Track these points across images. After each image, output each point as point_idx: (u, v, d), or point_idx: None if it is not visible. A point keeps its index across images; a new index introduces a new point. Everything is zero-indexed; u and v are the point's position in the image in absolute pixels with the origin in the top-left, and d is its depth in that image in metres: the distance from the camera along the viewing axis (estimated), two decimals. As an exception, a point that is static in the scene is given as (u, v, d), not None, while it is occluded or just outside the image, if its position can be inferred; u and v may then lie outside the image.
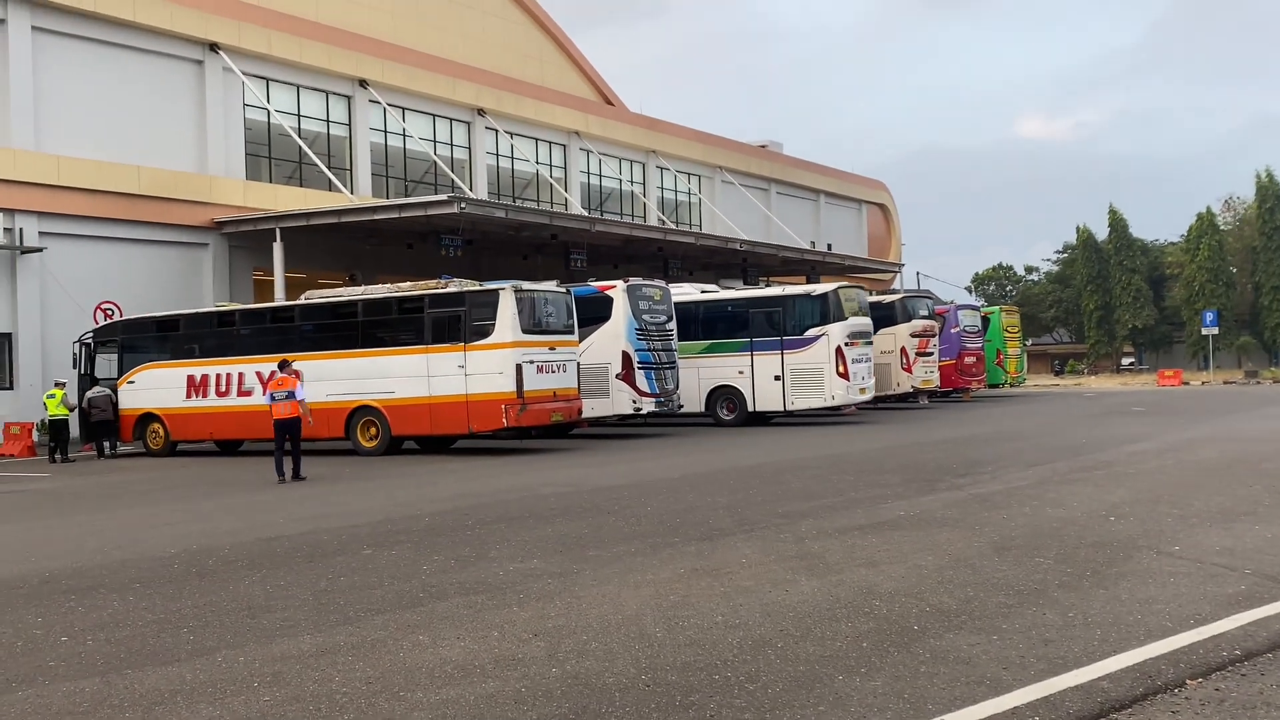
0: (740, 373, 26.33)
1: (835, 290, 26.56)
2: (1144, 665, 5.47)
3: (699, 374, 26.54)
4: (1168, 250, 74.43)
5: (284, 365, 16.92)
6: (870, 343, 27.51)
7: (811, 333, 25.80)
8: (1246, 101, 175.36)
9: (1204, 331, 58.63)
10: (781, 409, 26.17)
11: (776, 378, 25.90)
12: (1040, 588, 7.26)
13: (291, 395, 16.29)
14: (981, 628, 6.27)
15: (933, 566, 8.09)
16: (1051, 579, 7.52)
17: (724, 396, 26.62)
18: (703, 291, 29.41)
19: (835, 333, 25.57)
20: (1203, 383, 53.09)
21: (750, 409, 26.31)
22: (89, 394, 23.35)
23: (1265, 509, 10.52)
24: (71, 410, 23.09)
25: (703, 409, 26.80)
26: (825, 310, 25.91)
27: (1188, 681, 5.23)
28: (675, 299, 27.86)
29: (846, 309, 26.24)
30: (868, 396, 27.17)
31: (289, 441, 16.42)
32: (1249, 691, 5.07)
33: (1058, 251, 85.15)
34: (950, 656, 5.70)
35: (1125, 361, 73.87)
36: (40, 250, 26.39)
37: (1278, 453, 16.02)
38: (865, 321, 27.47)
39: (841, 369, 25.42)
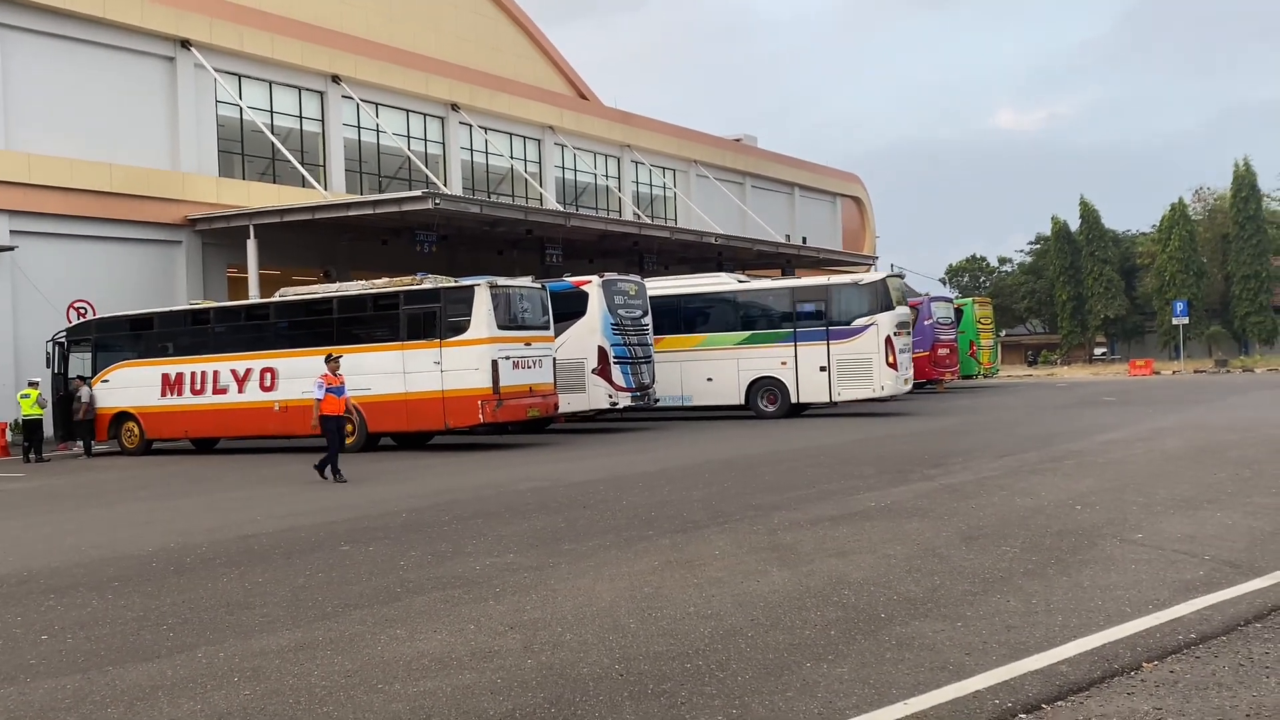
0: (783, 364, 25.86)
1: (884, 279, 26.21)
2: (1102, 649, 5.58)
3: (738, 365, 26.21)
4: (1139, 241, 74.94)
5: (330, 359, 16.49)
6: (911, 333, 27.38)
7: (860, 322, 25.32)
8: (1216, 92, 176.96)
9: (1174, 321, 59.16)
10: (827, 400, 25.73)
11: (822, 368, 25.45)
12: (1005, 575, 7.39)
13: (340, 391, 15.96)
14: (946, 615, 6.39)
15: (901, 556, 8.21)
16: (1016, 567, 7.65)
17: (765, 388, 26.13)
18: (739, 281, 28.80)
19: (884, 322, 25.19)
20: (1173, 372, 53.64)
21: (794, 400, 25.86)
22: (82, 392, 23.19)
23: (1228, 497, 10.70)
24: (45, 409, 22.96)
25: (742, 401, 26.33)
26: (874, 299, 25.48)
27: (1144, 664, 5.35)
28: (708, 290, 27.79)
29: (894, 298, 25.97)
30: (909, 387, 26.89)
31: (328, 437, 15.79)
32: (1202, 673, 5.20)
33: (1031, 243, 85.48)
34: (915, 643, 5.81)
35: (1098, 352, 74.49)
36: (11, 249, 26.15)
37: (1243, 442, 16.22)
38: (908, 311, 27.37)
39: (891, 359, 25.08)
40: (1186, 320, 59.32)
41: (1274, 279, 65.64)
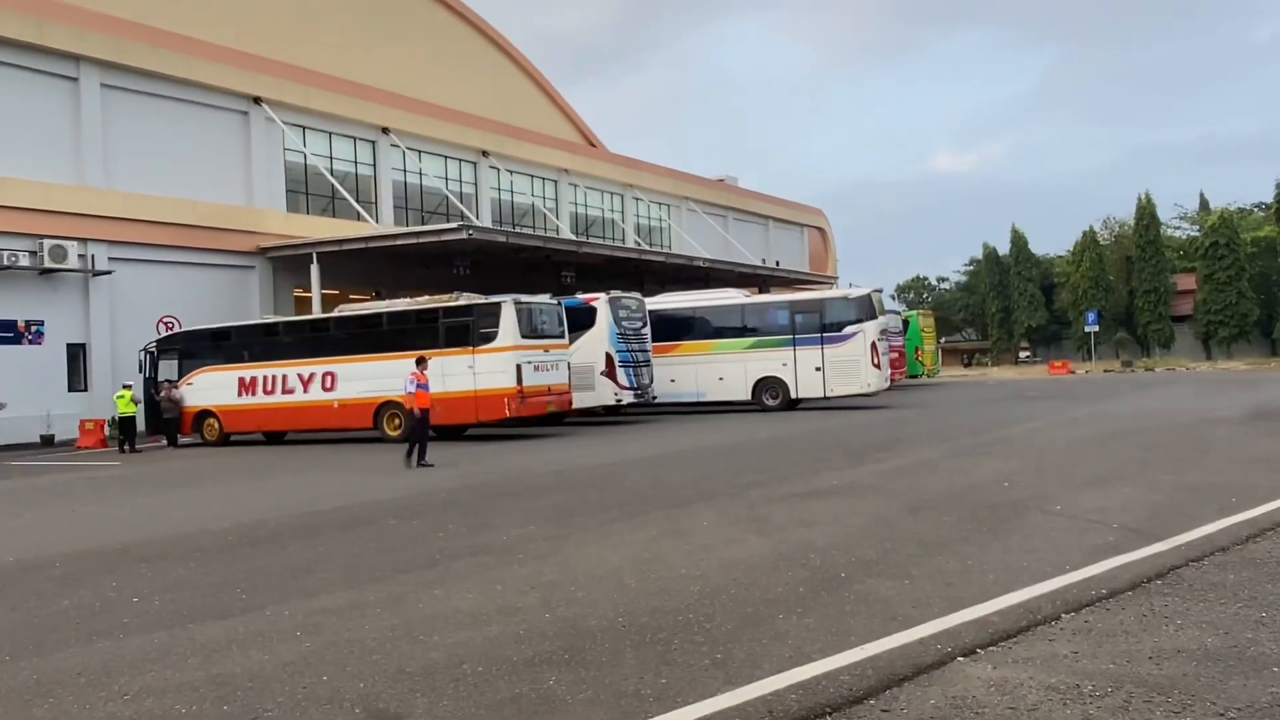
0: (784, 365, 25.51)
1: (870, 294, 25.87)
2: (1028, 603, 5.57)
3: (746, 367, 25.89)
4: (1057, 262, 74.88)
5: (421, 361, 16.32)
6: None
7: (849, 329, 24.99)
8: (1121, 138, 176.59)
9: (1087, 329, 59.18)
10: (821, 395, 25.39)
11: (817, 369, 25.15)
12: (945, 541, 7.37)
13: (426, 387, 15.73)
14: (896, 574, 6.37)
15: (858, 525, 8.20)
16: (955, 534, 7.63)
17: (768, 386, 25.76)
18: (746, 295, 28.41)
19: (870, 329, 24.92)
20: (1086, 371, 53.60)
21: (793, 396, 25.59)
22: (172, 394, 23.20)
23: (1132, 474, 10.69)
24: (137, 407, 22.93)
25: (749, 397, 26.01)
26: (861, 310, 25.18)
27: (1063, 615, 5.34)
28: (720, 303, 27.50)
29: (877, 309, 25.76)
30: (888, 385, 26.58)
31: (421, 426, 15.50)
32: (1111, 622, 5.19)
33: (965, 265, 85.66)
34: (870, 598, 5.80)
35: (1022, 355, 74.37)
36: (109, 273, 26.19)
37: (1145, 429, 16.22)
38: (887, 320, 27.24)
39: (875, 360, 24.88)
40: (1097, 328, 59.29)
41: (1170, 293, 65.62)
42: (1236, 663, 4.45)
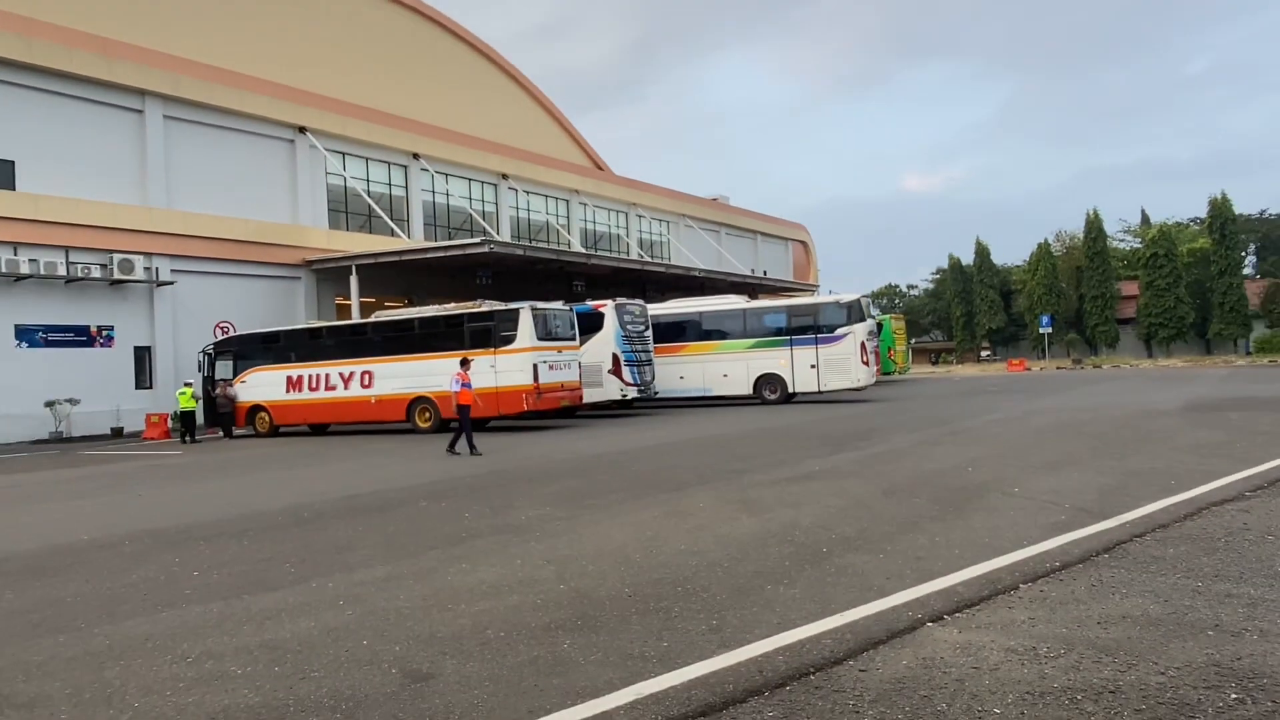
0: (782, 363, 25.40)
1: (859, 299, 25.73)
2: (989, 574, 5.56)
3: (748, 365, 25.73)
4: (1014, 271, 74.70)
5: (465, 362, 16.21)
6: (877, 338, 27.01)
7: (841, 331, 24.89)
8: (1072, 159, 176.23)
9: (1041, 330, 59.11)
10: (816, 390, 25.21)
11: (812, 366, 25.02)
12: (916, 520, 7.36)
13: (469, 385, 15.59)
14: (872, 549, 6.36)
15: (838, 506, 8.18)
16: (924, 513, 7.62)
17: (768, 382, 25.61)
18: (748, 300, 28.20)
19: (860, 330, 24.83)
20: (1041, 369, 53.46)
21: (790, 390, 25.41)
22: (228, 391, 23.25)
23: (1083, 460, 10.65)
24: (197, 402, 22.98)
25: (751, 392, 25.82)
26: (851, 314, 25.07)
27: (1021, 585, 5.33)
28: (724, 308, 27.20)
29: (866, 313, 25.67)
30: (874, 380, 26.48)
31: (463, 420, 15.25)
32: (1064, 592, 5.18)
33: (932, 274, 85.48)
34: (849, 571, 5.79)
35: (984, 354, 74.18)
36: (172, 283, 26.24)
37: (1095, 420, 16.17)
38: (874, 323, 27.25)
39: (864, 358, 24.79)
40: (1050, 330, 59.20)
41: (1116, 299, 65.45)
42: (1176, 627, 4.45)
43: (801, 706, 3.66)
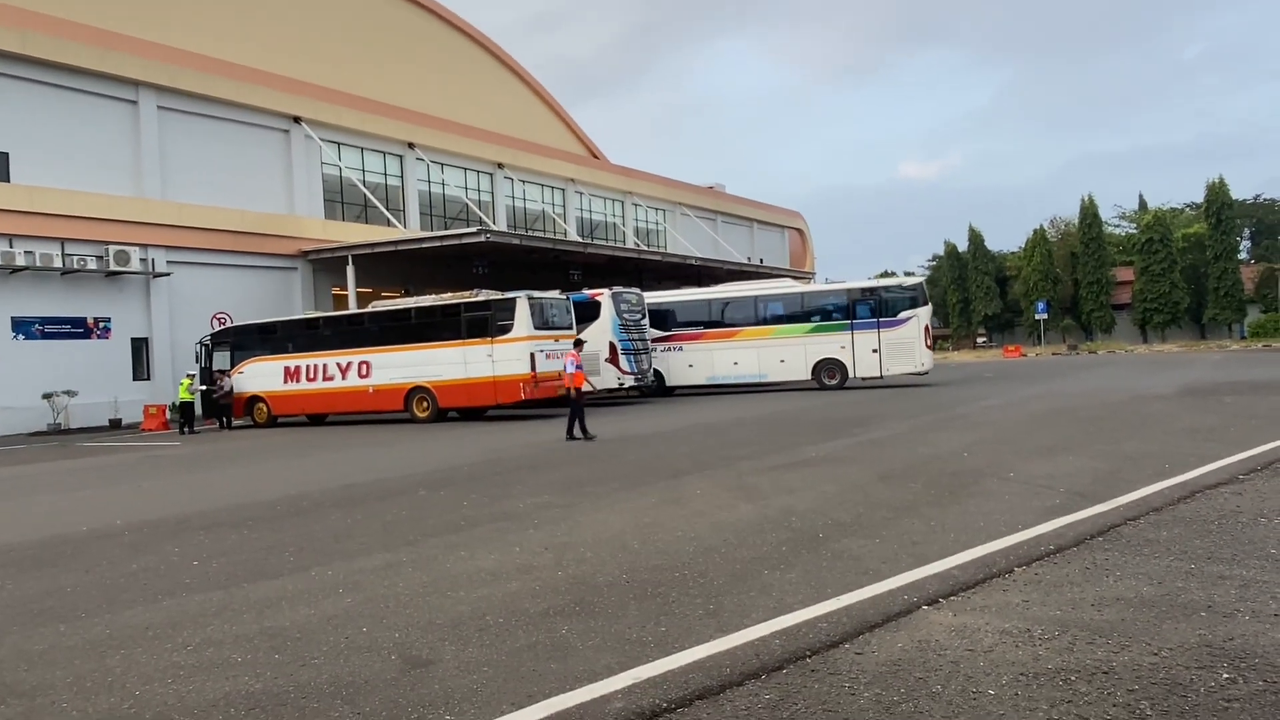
0: (842, 347, 24.86)
1: (921, 283, 25.40)
2: (985, 558, 5.57)
3: (805, 350, 25.12)
4: (1010, 257, 74.78)
5: (578, 344, 15.94)
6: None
7: (904, 314, 24.37)
8: (1068, 146, 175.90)
9: (1037, 317, 59.14)
10: (878, 375, 24.73)
11: (874, 350, 24.42)
12: (911, 505, 7.37)
13: (581, 367, 15.15)
14: (868, 534, 6.38)
15: (835, 492, 8.19)
16: (920, 499, 7.63)
17: (827, 367, 25.07)
18: (804, 285, 27.59)
19: (923, 314, 24.51)
20: (1036, 355, 53.56)
21: (851, 375, 24.90)
22: (223, 382, 23.21)
23: (1078, 445, 10.68)
24: (196, 394, 22.96)
25: (809, 377, 25.33)
26: (915, 298, 24.71)
27: (1015, 568, 5.34)
28: (782, 291, 26.55)
29: (927, 297, 25.28)
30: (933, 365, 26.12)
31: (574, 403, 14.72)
32: (1058, 575, 5.20)
33: (928, 260, 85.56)
34: (845, 555, 5.81)
35: (980, 340, 74.34)
36: (168, 275, 26.17)
37: (1089, 405, 16.20)
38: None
39: (928, 342, 24.48)
40: (1046, 316, 59.25)
41: (1111, 284, 65.53)
42: (1169, 609, 4.47)
43: (798, 689, 3.69)
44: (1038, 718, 3.31)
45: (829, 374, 25.15)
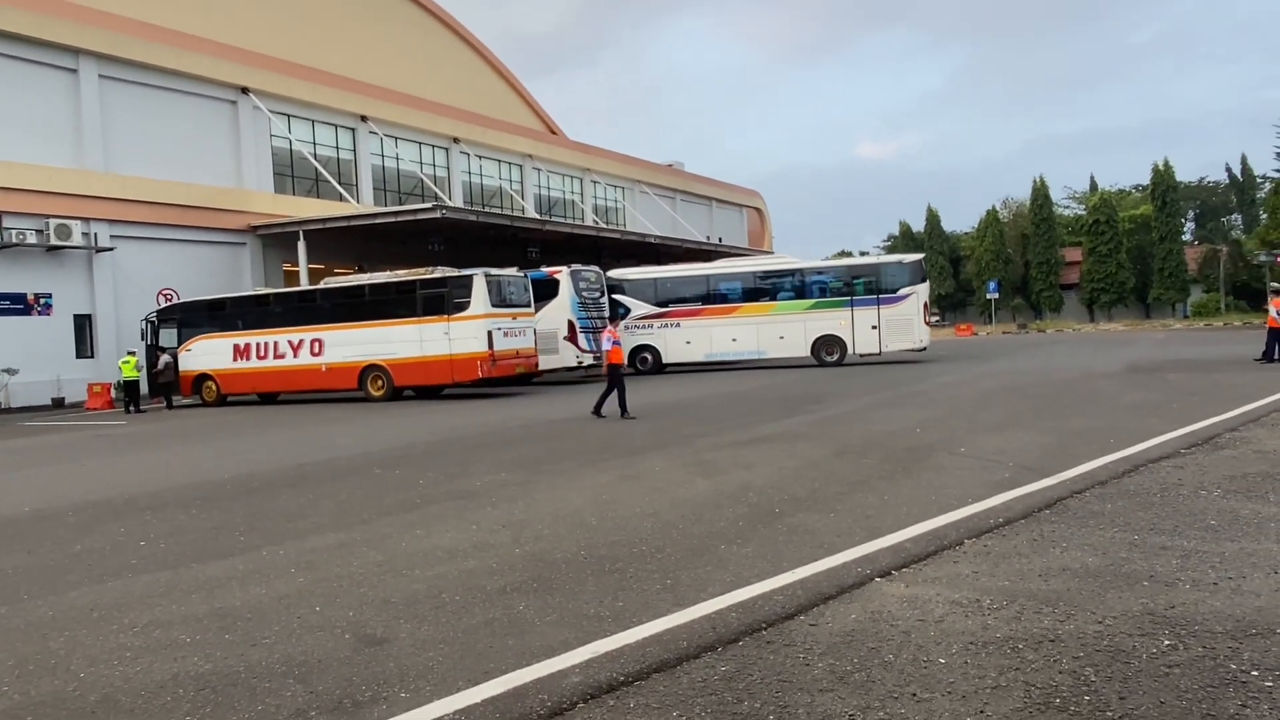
0: (842, 324, 24.66)
1: (920, 260, 25.23)
2: (936, 531, 5.68)
3: (805, 326, 24.91)
4: (963, 238, 75.98)
5: (613, 318, 15.43)
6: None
7: (904, 291, 24.31)
8: (1020, 129, 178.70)
9: (988, 296, 60.27)
10: (877, 351, 24.71)
11: (873, 327, 24.36)
12: (865, 480, 7.48)
13: (619, 343, 14.55)
14: (823, 509, 6.45)
15: (791, 467, 8.28)
16: (874, 473, 7.75)
17: (826, 343, 24.85)
18: (803, 261, 27.23)
19: (922, 290, 24.50)
20: (988, 334, 54.61)
21: (851, 352, 24.84)
22: (162, 360, 22.67)
23: (1027, 420, 10.93)
24: (141, 372, 22.38)
25: (809, 354, 25.15)
26: (914, 274, 24.62)
27: (965, 540, 5.45)
28: (780, 267, 26.17)
29: (925, 273, 25.14)
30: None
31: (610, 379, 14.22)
32: (1006, 546, 5.32)
33: (884, 240, 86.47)
34: (800, 530, 5.87)
35: (933, 319, 75.50)
36: (111, 250, 25.36)
37: (1038, 383, 16.56)
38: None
39: (926, 319, 24.37)
40: (997, 295, 60.40)
41: (1060, 265, 66.95)
42: (1113, 579, 4.60)
43: (754, 660, 3.72)
44: (986, 685, 3.39)
45: (828, 350, 25.13)
